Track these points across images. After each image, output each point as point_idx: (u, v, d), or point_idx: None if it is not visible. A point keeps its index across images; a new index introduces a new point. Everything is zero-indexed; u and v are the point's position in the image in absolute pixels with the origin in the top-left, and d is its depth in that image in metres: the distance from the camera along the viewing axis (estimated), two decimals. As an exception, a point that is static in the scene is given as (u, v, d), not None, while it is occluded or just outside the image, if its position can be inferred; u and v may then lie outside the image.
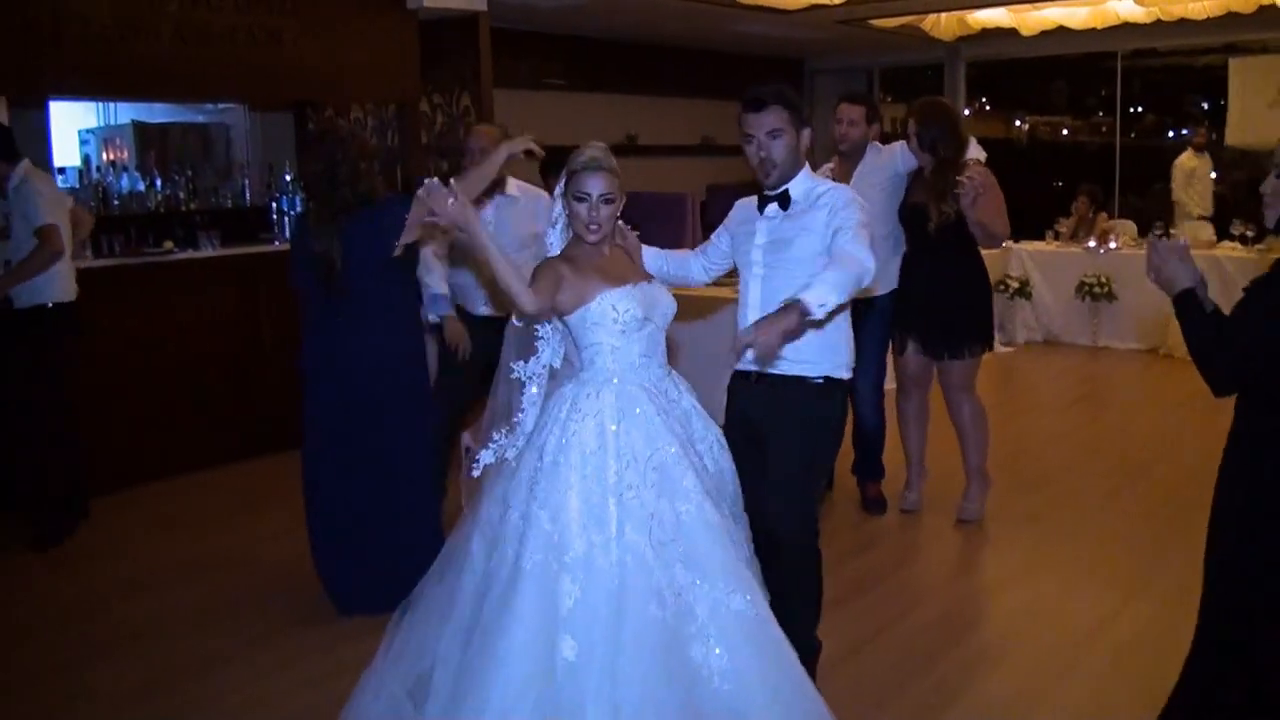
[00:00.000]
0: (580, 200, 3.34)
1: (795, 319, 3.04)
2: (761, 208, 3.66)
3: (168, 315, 6.70)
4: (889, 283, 5.54)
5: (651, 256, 3.77)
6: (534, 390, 3.50)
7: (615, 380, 3.33)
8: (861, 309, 5.63)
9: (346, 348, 4.48)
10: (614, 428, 3.24)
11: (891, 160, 5.49)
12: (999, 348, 9.95)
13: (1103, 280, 10.10)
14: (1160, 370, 9.39)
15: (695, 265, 3.91)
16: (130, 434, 6.46)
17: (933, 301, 5.41)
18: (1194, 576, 2.98)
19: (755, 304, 3.62)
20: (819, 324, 3.35)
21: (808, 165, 3.66)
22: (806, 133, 3.61)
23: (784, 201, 3.61)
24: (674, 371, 3.53)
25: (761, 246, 3.65)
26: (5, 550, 5.55)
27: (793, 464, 3.63)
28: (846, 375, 3.69)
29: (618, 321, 3.33)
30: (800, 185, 3.60)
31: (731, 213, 3.84)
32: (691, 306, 5.38)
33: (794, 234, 3.58)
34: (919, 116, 5.29)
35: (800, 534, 3.69)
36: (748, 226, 3.72)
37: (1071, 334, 10.48)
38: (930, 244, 5.34)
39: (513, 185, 5.28)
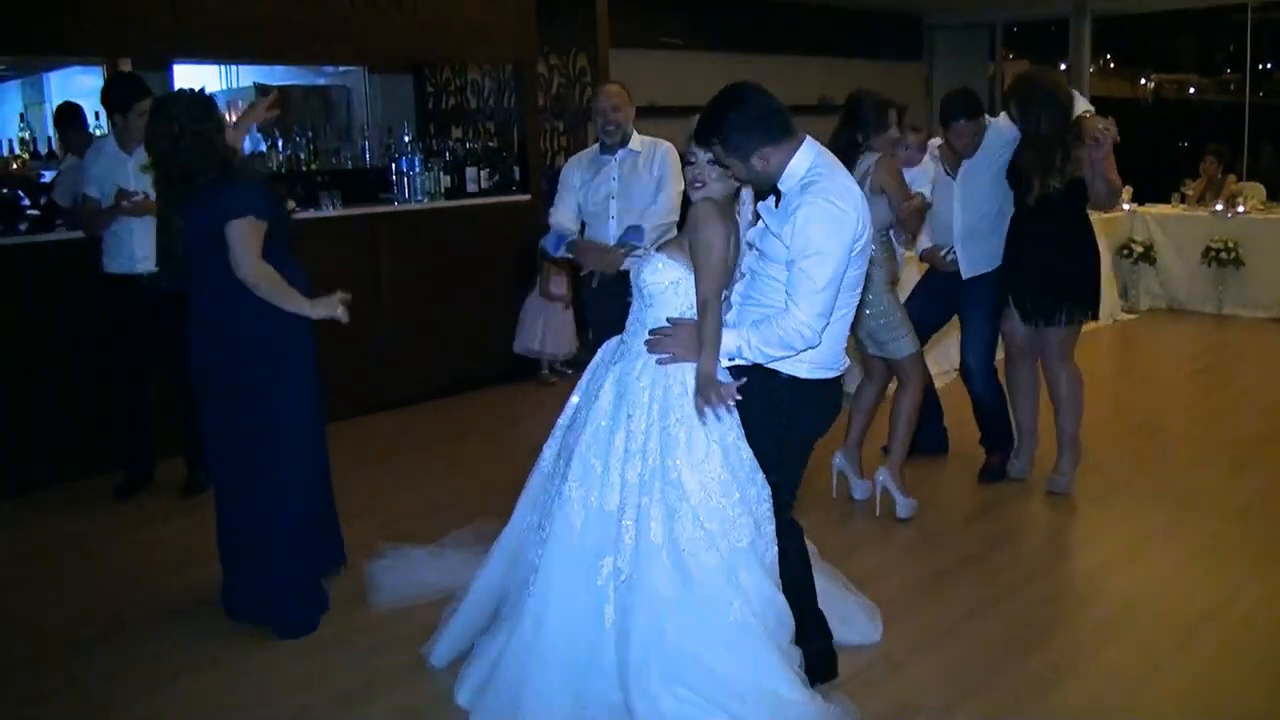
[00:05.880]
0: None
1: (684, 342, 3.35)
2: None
3: (289, 274, 6.81)
4: (993, 262, 5.49)
5: None
6: None
7: None
8: (966, 282, 5.58)
9: (205, 327, 4.16)
10: None
11: (999, 133, 5.37)
12: (1121, 315, 9.79)
13: (1230, 245, 9.80)
14: (1288, 340, 9.14)
15: None
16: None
17: (1034, 264, 5.32)
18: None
19: (734, 301, 3.56)
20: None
21: (805, 145, 3.32)
22: (755, 159, 3.30)
23: (776, 196, 3.39)
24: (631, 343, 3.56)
25: (752, 243, 3.50)
26: (153, 496, 5.80)
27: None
28: (811, 375, 3.42)
29: None
30: (787, 180, 3.33)
31: None
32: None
33: (769, 237, 3.38)
34: (1016, 97, 5.23)
35: None
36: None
37: (1196, 301, 10.19)
38: (1036, 207, 5.24)
39: (635, 139, 5.29)
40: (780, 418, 3.44)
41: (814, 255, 3.19)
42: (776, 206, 3.35)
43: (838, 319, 3.38)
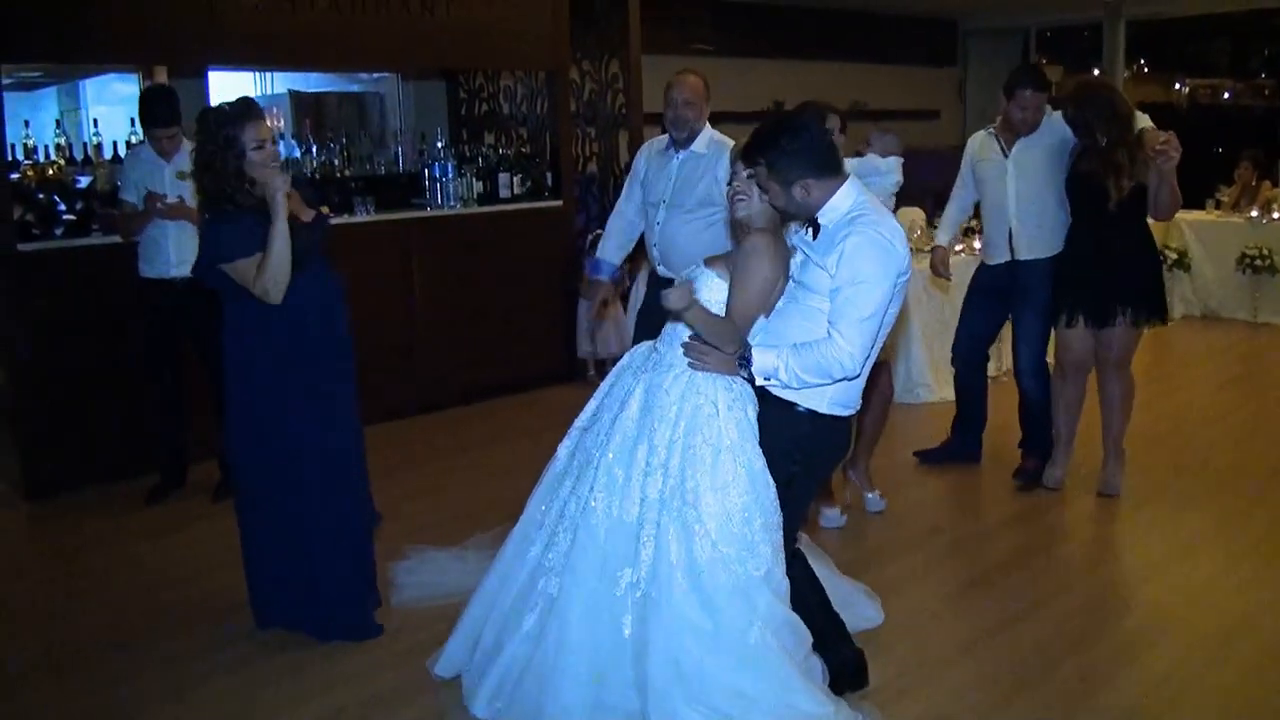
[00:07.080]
0: None
1: (723, 355, 3.33)
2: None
3: (323, 279, 6.85)
4: (1052, 247, 5.48)
5: None
6: None
7: None
8: (1020, 274, 5.56)
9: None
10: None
11: (1060, 126, 5.37)
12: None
13: (1265, 252, 9.70)
14: (1325, 348, 9.03)
15: None
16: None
17: (1100, 269, 5.29)
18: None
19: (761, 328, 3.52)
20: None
21: (849, 184, 3.35)
22: (797, 188, 3.31)
23: (814, 230, 3.40)
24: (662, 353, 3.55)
25: (792, 275, 3.49)
26: (185, 499, 5.83)
27: None
28: (829, 411, 3.44)
29: None
30: (829, 214, 3.35)
31: None
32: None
33: (810, 268, 3.38)
34: (1073, 102, 5.23)
35: None
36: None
37: (1231, 309, 10.10)
38: (1099, 213, 5.22)
39: (703, 139, 5.07)
40: (796, 452, 3.46)
41: (861, 283, 3.23)
42: (814, 239, 3.37)
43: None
